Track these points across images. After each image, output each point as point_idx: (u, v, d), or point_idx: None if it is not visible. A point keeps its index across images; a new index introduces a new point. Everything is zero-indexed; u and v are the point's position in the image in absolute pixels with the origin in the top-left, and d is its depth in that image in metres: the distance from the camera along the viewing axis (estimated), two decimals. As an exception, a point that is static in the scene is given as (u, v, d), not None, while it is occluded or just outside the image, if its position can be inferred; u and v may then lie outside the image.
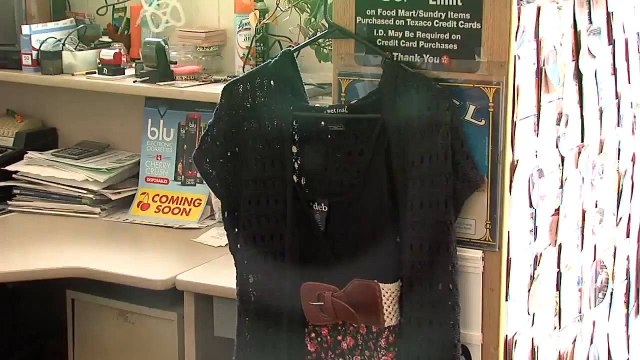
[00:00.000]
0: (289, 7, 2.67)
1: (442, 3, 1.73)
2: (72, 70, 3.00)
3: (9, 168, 2.99)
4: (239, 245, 1.89)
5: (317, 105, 1.90)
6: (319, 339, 1.86)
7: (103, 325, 2.61)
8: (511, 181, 1.75)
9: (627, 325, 2.28)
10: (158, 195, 2.95)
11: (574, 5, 1.89)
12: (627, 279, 2.25)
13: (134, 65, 2.95)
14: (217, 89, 2.07)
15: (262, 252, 1.86)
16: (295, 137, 1.85)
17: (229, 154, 1.88)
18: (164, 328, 2.53)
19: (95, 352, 2.63)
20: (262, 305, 1.88)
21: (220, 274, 2.40)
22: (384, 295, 1.77)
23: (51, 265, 2.54)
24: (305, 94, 1.89)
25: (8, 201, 2.97)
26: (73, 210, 2.92)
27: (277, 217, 1.85)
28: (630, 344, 2.30)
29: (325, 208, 1.84)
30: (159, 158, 2.98)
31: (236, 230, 1.90)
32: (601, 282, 2.13)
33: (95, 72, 2.98)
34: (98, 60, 2.97)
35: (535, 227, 1.84)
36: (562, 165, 1.92)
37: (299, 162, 1.85)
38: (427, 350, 1.74)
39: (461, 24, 1.72)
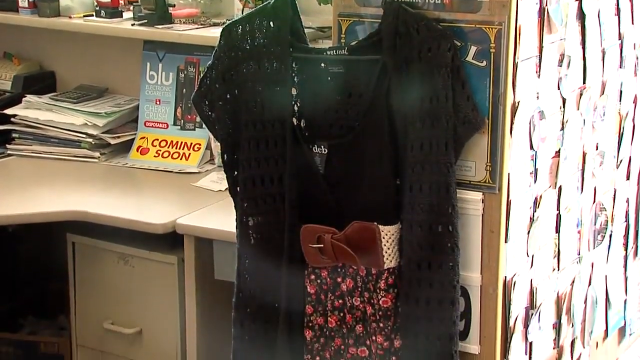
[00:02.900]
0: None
1: (444, -59, 1.71)
2: (69, 12, 2.97)
3: (8, 112, 2.97)
4: (238, 188, 1.89)
5: (316, 47, 1.89)
6: (319, 281, 1.87)
7: (104, 268, 2.62)
8: (512, 123, 1.74)
9: (625, 267, 2.29)
10: (157, 139, 2.94)
11: (577, -56, 1.86)
12: (626, 221, 2.26)
13: (131, 8, 2.92)
14: (216, 32, 2.05)
15: (262, 194, 1.86)
16: (295, 79, 1.83)
17: (228, 96, 1.87)
18: (164, 271, 2.54)
19: (96, 294, 2.64)
20: (261, 248, 1.88)
21: (220, 217, 2.40)
22: (383, 238, 1.78)
23: (51, 208, 2.54)
24: (304, 35, 1.87)
25: (7, 145, 2.96)
26: (72, 154, 2.91)
27: (277, 159, 1.84)
28: (628, 286, 2.31)
29: (325, 150, 1.83)
30: (158, 102, 2.97)
31: (236, 172, 1.90)
32: (600, 225, 2.13)
33: (92, 15, 2.94)
34: (95, 3, 2.93)
35: (536, 170, 1.84)
36: (564, 107, 1.91)
37: (298, 105, 1.84)
38: (426, 291, 1.74)
39: (463, -38, 1.70)
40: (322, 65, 1.81)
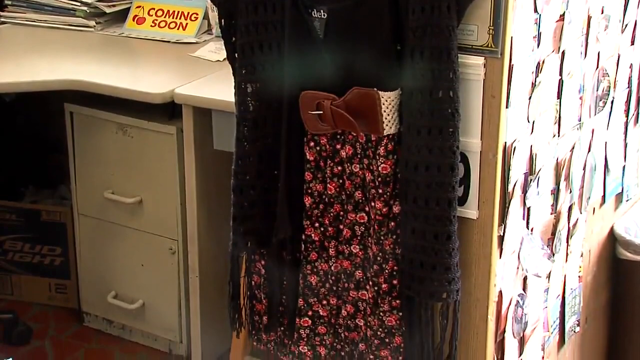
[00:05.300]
0: None
1: None
2: None
3: (-1, -22, 2.92)
4: (236, 55, 1.86)
5: None
6: (318, 148, 1.87)
7: (102, 138, 2.62)
8: (516, -16, 1.69)
9: (625, 133, 2.29)
10: (154, 9, 2.89)
11: None
12: (628, 87, 2.24)
13: None
14: None
15: (261, 60, 1.83)
16: (293, -60, 1.78)
17: (224, -41, 1.82)
18: (163, 141, 2.54)
19: (96, 164, 2.66)
20: (260, 115, 1.87)
21: (218, 88, 2.39)
22: (383, 104, 1.76)
23: (47, 77, 2.52)
24: None
25: (0, 12, 2.91)
26: (67, 22, 2.86)
27: (276, 24, 1.81)
28: (627, 152, 2.31)
29: (324, 15, 1.79)
30: (153, -30, 2.91)
31: (234, 39, 1.87)
32: (602, 91, 2.12)
33: None
34: None
35: (539, 33, 1.81)
36: (569, -32, 1.86)
37: (296, -33, 1.79)
38: (426, 157, 1.74)
39: None
40: None
